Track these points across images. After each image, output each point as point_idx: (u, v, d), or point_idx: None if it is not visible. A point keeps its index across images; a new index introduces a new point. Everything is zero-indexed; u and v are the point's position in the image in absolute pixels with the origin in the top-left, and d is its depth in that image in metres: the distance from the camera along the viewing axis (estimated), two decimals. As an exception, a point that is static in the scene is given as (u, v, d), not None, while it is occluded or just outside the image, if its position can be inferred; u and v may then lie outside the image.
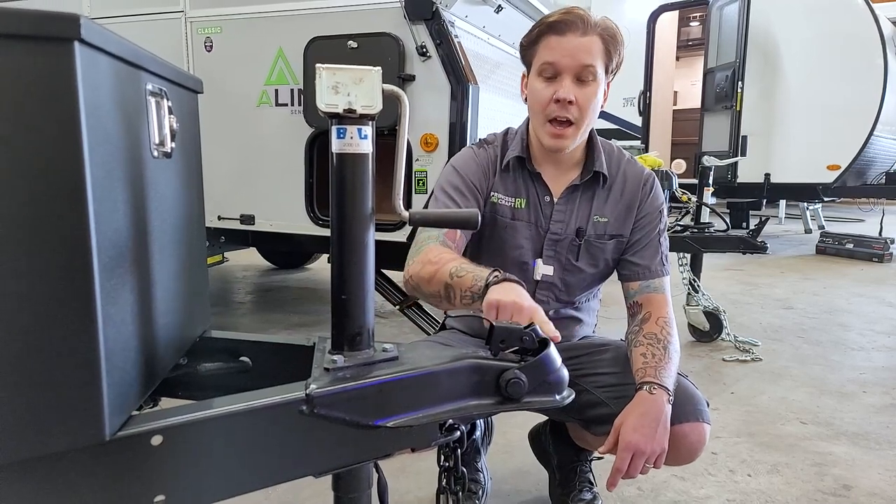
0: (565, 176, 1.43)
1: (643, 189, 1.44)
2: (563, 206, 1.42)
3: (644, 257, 1.43)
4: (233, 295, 4.41)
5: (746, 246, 3.07)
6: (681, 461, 1.36)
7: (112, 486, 0.64)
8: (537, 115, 1.34)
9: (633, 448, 1.20)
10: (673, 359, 1.31)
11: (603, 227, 1.43)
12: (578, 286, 1.48)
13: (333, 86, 0.72)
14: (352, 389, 0.73)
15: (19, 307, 0.56)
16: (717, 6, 6.31)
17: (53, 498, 0.62)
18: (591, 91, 1.30)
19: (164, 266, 0.82)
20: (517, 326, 0.85)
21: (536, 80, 1.32)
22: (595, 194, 1.43)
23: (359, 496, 0.83)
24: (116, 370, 0.64)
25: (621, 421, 1.23)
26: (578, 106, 1.29)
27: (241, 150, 2.91)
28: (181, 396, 0.97)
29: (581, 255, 1.44)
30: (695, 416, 1.30)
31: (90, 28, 0.56)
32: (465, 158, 1.45)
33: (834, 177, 6.02)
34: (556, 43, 1.28)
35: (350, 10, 2.62)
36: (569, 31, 1.27)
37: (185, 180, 0.92)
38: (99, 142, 0.59)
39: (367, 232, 0.78)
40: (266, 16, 2.79)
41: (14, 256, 0.55)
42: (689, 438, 1.29)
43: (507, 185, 1.43)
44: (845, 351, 3.19)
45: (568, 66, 1.28)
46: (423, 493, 1.75)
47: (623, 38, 1.33)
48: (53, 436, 0.59)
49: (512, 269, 1.44)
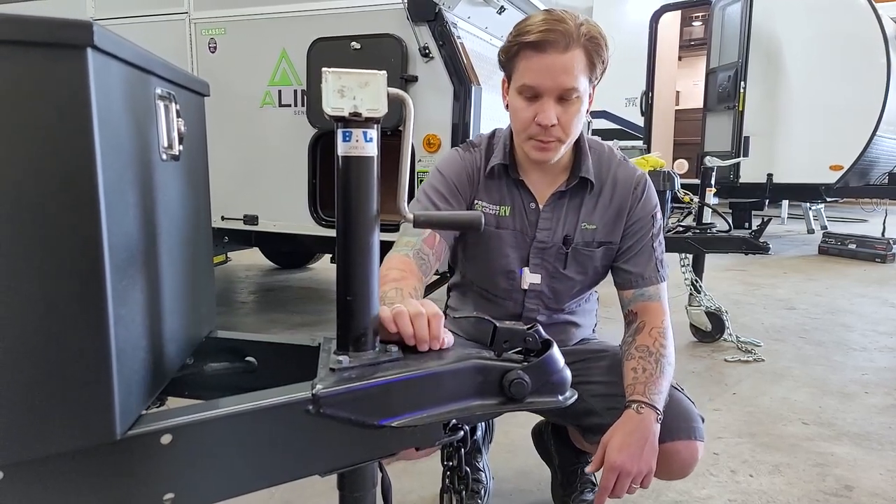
0: (552, 182, 1.39)
1: (633, 193, 1.38)
2: (549, 213, 1.39)
3: (637, 264, 1.38)
4: (236, 295, 4.42)
5: (749, 246, 3.07)
6: (672, 477, 1.34)
7: (122, 484, 0.65)
8: (519, 133, 1.30)
9: (619, 468, 1.18)
10: (666, 373, 1.28)
11: (591, 235, 1.39)
12: (567, 294, 1.45)
13: (339, 89, 0.73)
14: (357, 389, 0.74)
15: (33, 308, 0.57)
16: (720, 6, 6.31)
17: (64, 496, 0.63)
18: (573, 110, 1.24)
19: (172, 267, 0.83)
20: (521, 327, 0.86)
21: (517, 98, 1.26)
22: (583, 201, 1.38)
23: (363, 495, 0.84)
24: (127, 370, 0.65)
25: (608, 439, 1.21)
26: (561, 126, 1.24)
27: (244, 151, 2.92)
28: (188, 396, 0.98)
29: (569, 263, 1.40)
30: (687, 433, 1.27)
31: (102, 35, 0.57)
32: (450, 162, 1.42)
33: (837, 177, 6.02)
34: (536, 63, 1.20)
35: (353, 12, 2.63)
36: (550, 48, 1.19)
37: (193, 182, 0.93)
38: (111, 146, 0.60)
39: (372, 234, 0.78)
40: (269, 17, 2.80)
41: (28, 258, 0.56)
42: (681, 456, 1.27)
43: (492, 192, 1.39)
44: (847, 351, 3.19)
45: (549, 89, 1.21)
46: (426, 492, 1.76)
47: (608, 41, 1.25)
48: (65, 435, 0.60)
49: (499, 278, 1.44)
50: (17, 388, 0.58)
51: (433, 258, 1.31)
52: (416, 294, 1.15)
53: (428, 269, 1.30)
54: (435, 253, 1.31)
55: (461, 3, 2.58)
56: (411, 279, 1.19)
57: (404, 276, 1.19)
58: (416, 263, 1.26)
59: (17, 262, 0.56)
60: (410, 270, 1.23)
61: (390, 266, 1.21)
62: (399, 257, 1.25)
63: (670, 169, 3.25)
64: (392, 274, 1.18)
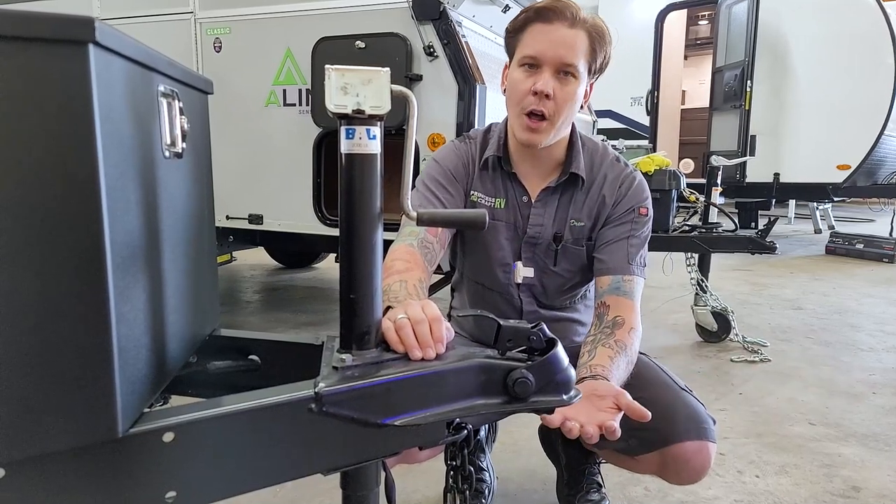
0: (543, 177, 1.41)
1: (619, 189, 1.39)
2: (540, 207, 1.40)
3: (615, 252, 1.36)
4: (241, 293, 4.43)
5: (755, 246, 3.05)
6: (684, 481, 1.31)
7: (124, 482, 0.65)
8: (514, 107, 1.32)
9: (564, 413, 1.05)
10: (630, 371, 1.23)
11: (580, 231, 1.40)
12: (558, 289, 1.46)
13: (342, 87, 0.72)
14: (360, 388, 0.74)
15: (35, 306, 0.57)
16: (726, 5, 6.28)
17: (66, 494, 0.63)
18: (570, 89, 1.27)
19: (175, 265, 0.83)
20: (525, 326, 0.85)
21: (517, 70, 1.30)
22: (573, 197, 1.40)
23: (366, 494, 0.83)
24: (129, 368, 0.65)
25: None
26: (555, 101, 1.26)
27: (249, 150, 2.93)
28: (191, 394, 0.97)
29: (559, 259, 1.41)
30: (697, 433, 1.24)
31: (105, 31, 0.57)
32: (446, 151, 1.45)
33: (844, 176, 5.99)
34: (541, 32, 1.26)
35: (358, 11, 2.63)
36: (556, 19, 1.24)
37: (196, 180, 0.93)
38: (112, 143, 0.60)
39: (375, 232, 0.78)
40: (274, 16, 2.80)
41: (30, 256, 0.56)
42: (692, 457, 1.23)
43: (486, 184, 1.41)
44: (855, 352, 3.17)
45: (550, 60, 1.25)
46: (430, 491, 1.76)
47: (611, 38, 1.29)
48: (67, 432, 0.60)
49: (496, 270, 1.44)
50: (19, 385, 0.58)
51: (437, 246, 1.31)
52: (420, 287, 1.14)
53: (433, 258, 1.29)
54: (439, 241, 1.31)
55: (466, 1, 2.58)
56: (416, 270, 1.18)
57: (409, 267, 1.18)
58: (421, 253, 1.25)
59: (19, 259, 0.56)
60: (415, 261, 1.22)
61: (395, 257, 1.20)
62: (404, 247, 1.25)
63: (676, 168, 3.24)
64: (397, 265, 1.17)
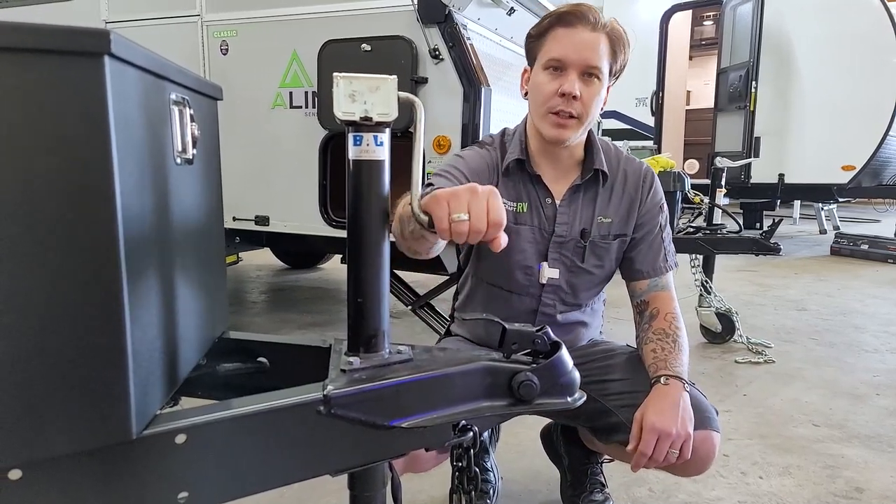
0: (565, 176, 1.42)
1: (643, 186, 1.44)
2: (566, 207, 1.41)
3: (649, 256, 1.44)
4: (247, 294, 4.45)
5: (759, 247, 3.05)
6: (689, 472, 1.34)
7: (138, 483, 0.66)
8: (539, 108, 1.33)
9: (658, 430, 1.20)
10: (683, 349, 1.34)
11: (607, 228, 1.43)
12: (584, 288, 1.47)
13: (350, 94, 0.74)
14: (368, 390, 0.75)
15: (52, 309, 0.58)
16: (731, 5, 6.27)
17: (81, 495, 0.64)
18: (595, 90, 1.30)
19: (186, 269, 0.84)
20: (529, 329, 0.86)
21: (541, 73, 1.32)
22: (597, 194, 1.42)
23: (373, 495, 0.85)
24: (143, 370, 0.66)
25: (642, 412, 1.24)
26: (582, 102, 1.29)
27: (255, 152, 2.94)
28: (201, 396, 0.99)
29: (587, 256, 1.43)
30: (702, 423, 1.27)
31: (119, 42, 0.58)
32: (472, 153, 1.44)
33: (849, 177, 5.98)
34: (564, 36, 1.28)
35: (363, 14, 2.64)
36: (579, 23, 1.28)
37: (206, 185, 0.94)
38: (127, 152, 0.62)
39: (382, 237, 0.79)
40: (281, 19, 2.82)
41: (48, 262, 0.58)
42: (698, 447, 1.27)
43: (509, 189, 1.42)
44: (859, 353, 3.17)
45: (574, 62, 1.28)
46: (435, 492, 1.77)
47: (629, 42, 1.33)
48: (82, 434, 0.61)
49: (517, 273, 1.44)
50: (35, 388, 0.59)
51: None
52: None
53: None
54: None
55: (471, 4, 2.58)
56: None
57: None
58: None
59: (37, 265, 0.57)
60: None
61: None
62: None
63: (680, 169, 3.24)
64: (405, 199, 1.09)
